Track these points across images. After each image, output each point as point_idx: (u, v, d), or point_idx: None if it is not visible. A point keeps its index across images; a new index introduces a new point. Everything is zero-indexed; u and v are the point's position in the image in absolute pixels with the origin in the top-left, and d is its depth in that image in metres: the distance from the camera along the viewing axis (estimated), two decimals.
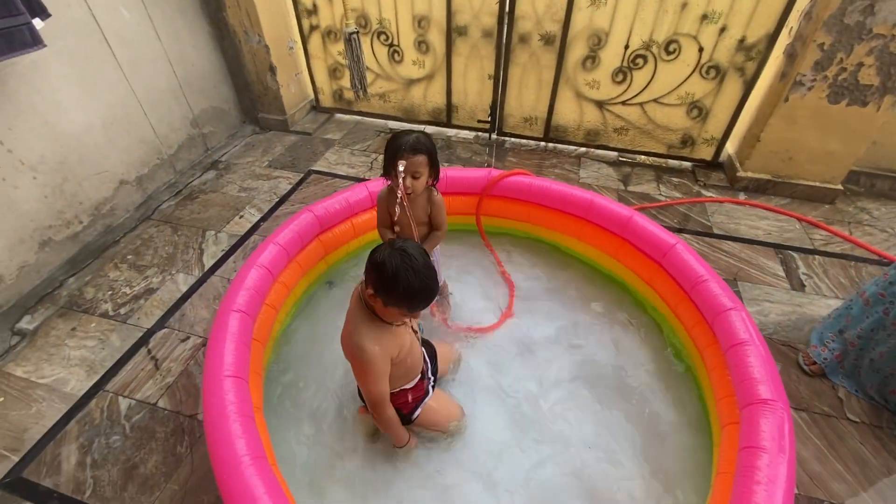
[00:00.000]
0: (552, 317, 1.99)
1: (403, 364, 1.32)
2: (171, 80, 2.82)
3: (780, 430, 1.11)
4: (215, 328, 1.36)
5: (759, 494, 1.00)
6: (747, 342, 1.31)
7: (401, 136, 1.41)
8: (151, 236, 2.51)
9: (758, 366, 1.25)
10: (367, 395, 1.26)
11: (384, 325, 1.20)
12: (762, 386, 1.20)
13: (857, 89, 2.33)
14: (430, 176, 1.48)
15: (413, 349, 1.34)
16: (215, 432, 1.09)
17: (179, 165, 2.98)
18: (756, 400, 1.18)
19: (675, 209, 2.70)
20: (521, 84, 3.03)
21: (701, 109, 2.83)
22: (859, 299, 1.65)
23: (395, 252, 1.09)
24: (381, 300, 1.12)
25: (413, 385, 1.43)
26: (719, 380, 1.40)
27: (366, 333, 1.18)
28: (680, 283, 1.66)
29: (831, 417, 1.67)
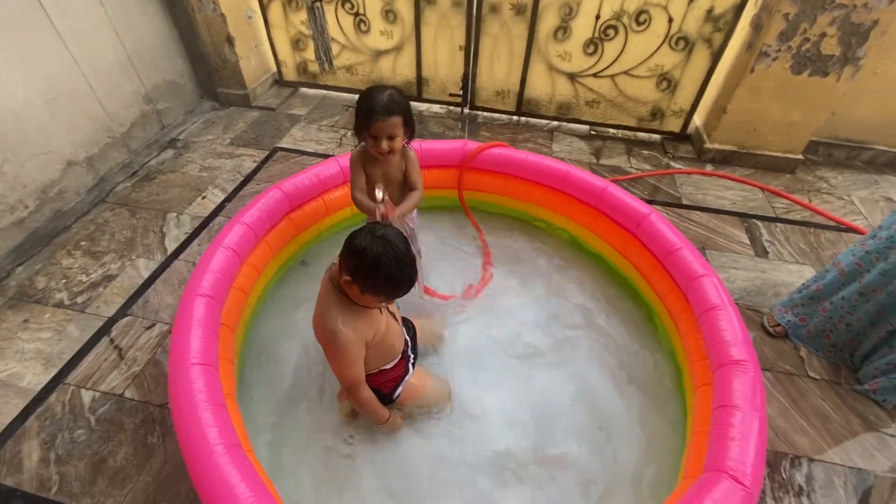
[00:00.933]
0: (530, 288, 1.99)
1: (381, 346, 1.30)
2: (119, 52, 2.62)
3: (752, 388, 1.15)
4: (180, 314, 1.29)
5: (734, 449, 1.04)
6: (719, 307, 1.35)
7: (373, 95, 1.33)
8: (107, 220, 2.36)
9: (729, 329, 1.29)
10: (340, 380, 1.24)
11: (358, 308, 1.17)
12: (734, 348, 1.24)
13: (819, 59, 2.39)
14: (405, 136, 1.43)
15: (390, 330, 1.32)
16: (184, 422, 1.04)
17: (134, 144, 2.80)
18: (728, 361, 1.22)
19: (645, 181, 2.74)
20: (493, 56, 2.96)
21: (670, 81, 2.85)
22: (834, 269, 1.71)
23: (377, 240, 1.05)
24: (358, 287, 1.09)
25: (393, 365, 1.41)
26: (693, 344, 1.44)
27: (338, 317, 1.14)
28: (654, 253, 1.68)
29: (794, 376, 1.76)
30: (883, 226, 1.59)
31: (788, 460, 1.52)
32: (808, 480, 1.48)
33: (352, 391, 1.26)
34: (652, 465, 1.43)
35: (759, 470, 1.03)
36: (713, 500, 0.96)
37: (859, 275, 1.62)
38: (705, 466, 1.06)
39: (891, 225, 1.55)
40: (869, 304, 1.60)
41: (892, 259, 1.50)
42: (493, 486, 1.41)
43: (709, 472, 1.04)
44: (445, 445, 1.49)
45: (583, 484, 1.39)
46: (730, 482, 0.98)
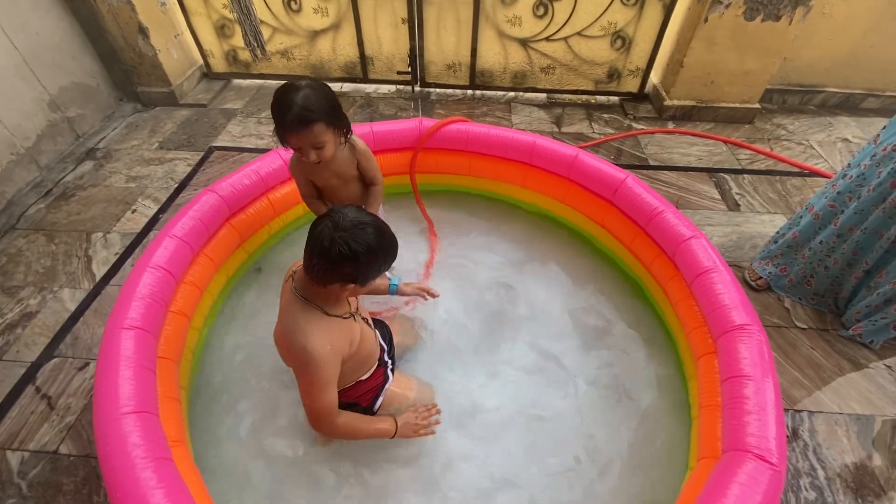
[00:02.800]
0: (501, 269, 1.87)
1: (357, 356, 1.14)
2: (12, 55, 2.25)
3: (760, 354, 1.07)
4: (102, 354, 1.07)
5: (752, 424, 0.95)
6: (713, 269, 1.26)
7: (283, 101, 1.11)
8: (20, 250, 2.05)
9: (727, 292, 1.20)
10: (309, 410, 1.04)
11: (330, 318, 1.02)
12: (735, 312, 1.15)
13: (771, 3, 2.34)
14: (338, 134, 1.23)
15: (365, 338, 1.17)
16: (120, 489, 0.85)
17: (44, 160, 2.45)
18: (731, 327, 1.14)
19: (609, 145, 2.65)
20: (439, 26, 2.76)
21: (624, 39, 2.75)
22: (808, 214, 1.67)
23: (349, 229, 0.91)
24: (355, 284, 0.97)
25: (370, 374, 1.25)
26: (687, 311, 1.36)
27: (311, 331, 0.98)
28: (634, 219, 1.58)
29: (782, 328, 1.72)
30: (852, 164, 1.55)
31: (789, 416, 1.48)
32: (812, 434, 1.45)
33: (321, 422, 1.06)
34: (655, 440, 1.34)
35: (782, 444, 0.95)
36: (741, 483, 0.87)
37: (834, 216, 1.58)
38: (724, 446, 0.98)
39: (860, 163, 1.51)
40: (846, 245, 1.56)
41: (865, 197, 1.46)
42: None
43: (730, 451, 0.95)
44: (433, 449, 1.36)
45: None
46: (755, 462, 0.90)
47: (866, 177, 1.47)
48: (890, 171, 1.35)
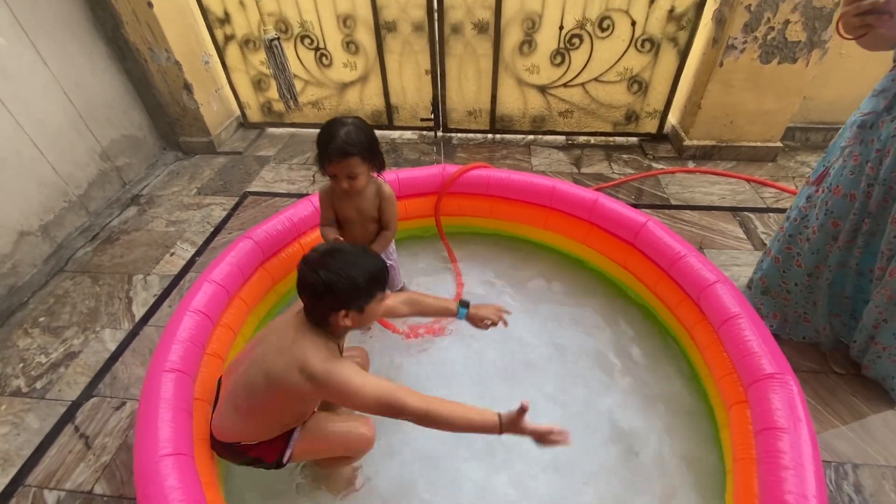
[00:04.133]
0: (527, 310, 1.87)
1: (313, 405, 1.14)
2: (69, 111, 2.48)
3: (793, 405, 1.04)
4: (145, 395, 1.12)
5: (790, 481, 0.92)
6: (740, 315, 1.25)
7: (329, 132, 1.27)
8: (67, 291, 2.18)
9: (755, 339, 1.18)
10: (366, 407, 0.97)
11: (335, 349, 1.05)
12: (764, 360, 1.13)
13: (787, 47, 2.39)
14: (371, 169, 1.36)
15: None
16: None
17: (93, 206, 2.63)
18: (762, 375, 1.11)
19: (630, 185, 2.68)
20: (460, 76, 2.91)
21: (640, 83, 2.82)
22: (766, 257, 1.66)
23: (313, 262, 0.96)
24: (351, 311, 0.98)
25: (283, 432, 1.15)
26: (715, 357, 1.33)
27: (324, 357, 0.98)
28: (657, 262, 1.58)
29: (819, 373, 1.66)
30: (792, 206, 1.57)
31: (831, 469, 1.40)
32: (857, 489, 1.36)
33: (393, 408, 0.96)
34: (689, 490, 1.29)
35: (823, 501, 0.91)
36: None
37: (793, 258, 1.56)
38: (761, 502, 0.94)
39: (797, 205, 1.52)
40: (820, 282, 1.53)
41: (814, 238, 1.45)
42: None
43: None
44: None
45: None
46: None
47: (808, 217, 1.48)
48: (826, 212, 1.37)
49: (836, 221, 1.37)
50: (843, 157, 1.32)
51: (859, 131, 1.27)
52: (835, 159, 1.35)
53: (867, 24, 1.07)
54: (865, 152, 1.26)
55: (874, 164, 1.24)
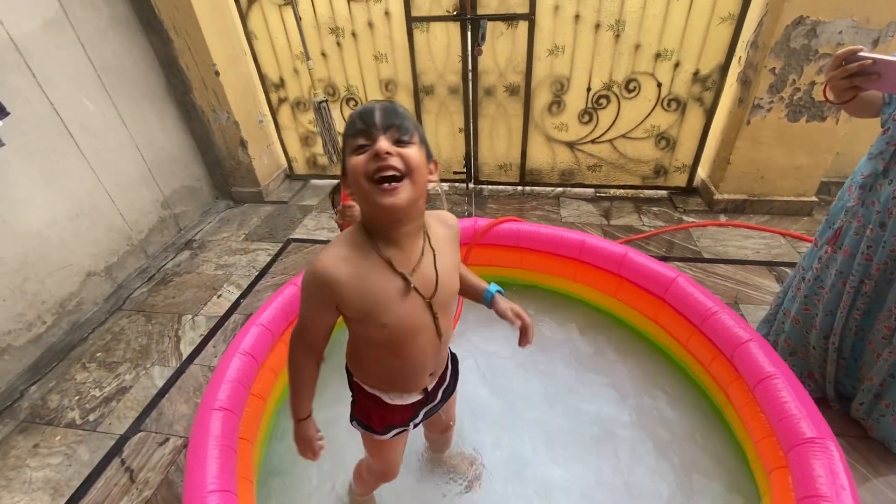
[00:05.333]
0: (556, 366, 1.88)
1: (396, 352, 0.90)
2: (140, 165, 2.77)
3: (835, 472, 1.01)
4: (196, 432, 1.20)
5: None
6: (775, 375, 1.23)
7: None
8: (123, 328, 2.34)
9: (792, 400, 1.16)
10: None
11: (370, 251, 0.83)
12: (804, 423, 1.11)
13: (814, 106, 2.43)
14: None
15: (423, 337, 0.91)
16: None
17: (151, 249, 2.86)
18: (801, 440, 1.09)
19: (660, 238, 2.70)
20: (492, 134, 3.08)
21: (668, 140, 2.91)
22: (787, 318, 1.63)
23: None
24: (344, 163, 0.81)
25: (393, 404, 1.01)
26: (752, 419, 1.30)
27: (333, 245, 0.85)
28: (688, 318, 1.59)
29: (866, 439, 1.57)
30: (805, 265, 1.55)
31: None
32: None
33: (293, 334, 0.93)
34: None
35: None
36: None
37: (812, 319, 1.54)
38: None
39: (811, 265, 1.51)
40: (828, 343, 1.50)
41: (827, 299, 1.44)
42: None
43: None
44: None
45: None
46: None
47: (822, 279, 1.47)
48: (836, 273, 1.38)
49: (845, 281, 1.39)
50: (849, 217, 1.34)
51: (861, 192, 1.30)
52: (843, 220, 1.37)
53: (855, 87, 1.07)
54: (867, 214, 1.28)
55: (874, 226, 1.27)
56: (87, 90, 2.42)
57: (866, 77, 1.04)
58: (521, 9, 2.57)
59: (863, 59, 1.03)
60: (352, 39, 2.84)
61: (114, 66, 2.56)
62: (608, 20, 2.53)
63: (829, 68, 1.10)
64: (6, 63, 2.03)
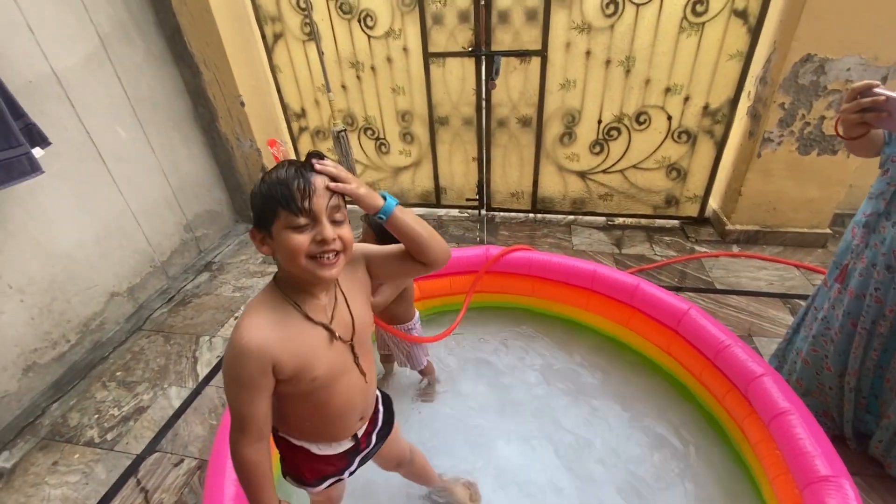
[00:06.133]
0: (568, 392, 1.88)
1: (324, 401, 0.90)
2: (165, 190, 2.88)
3: None
4: (215, 454, 1.23)
5: None
6: (789, 411, 1.23)
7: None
8: (142, 348, 2.40)
9: (807, 437, 1.16)
10: (229, 408, 0.85)
11: (290, 309, 0.84)
12: (818, 460, 1.10)
13: (825, 140, 2.46)
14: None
15: (346, 380, 0.93)
16: None
17: (172, 271, 2.95)
18: (816, 478, 1.08)
19: (672, 268, 2.70)
20: (505, 163, 3.15)
21: (679, 171, 2.95)
22: (798, 358, 1.62)
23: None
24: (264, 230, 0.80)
25: (324, 454, 1.00)
26: (768, 455, 1.29)
27: (253, 312, 0.82)
28: (701, 350, 1.59)
29: (884, 477, 1.53)
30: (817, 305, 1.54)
31: None
32: None
33: (232, 433, 0.84)
34: None
35: None
36: None
37: (822, 360, 1.52)
38: None
39: (822, 305, 1.50)
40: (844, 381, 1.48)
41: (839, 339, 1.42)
42: None
43: None
44: None
45: None
46: None
47: (829, 318, 1.46)
48: (844, 314, 1.36)
49: (855, 322, 1.38)
50: (853, 257, 1.34)
51: (864, 231, 1.30)
52: (848, 259, 1.37)
53: (865, 123, 1.07)
54: (872, 255, 1.28)
55: (881, 269, 1.26)
56: (121, 119, 2.55)
57: (877, 114, 1.05)
58: (533, 45, 2.67)
59: (877, 95, 1.04)
60: (371, 73, 2.97)
61: (147, 97, 2.70)
62: (618, 56, 2.62)
63: (845, 100, 1.11)
64: (49, 95, 2.17)
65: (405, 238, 0.89)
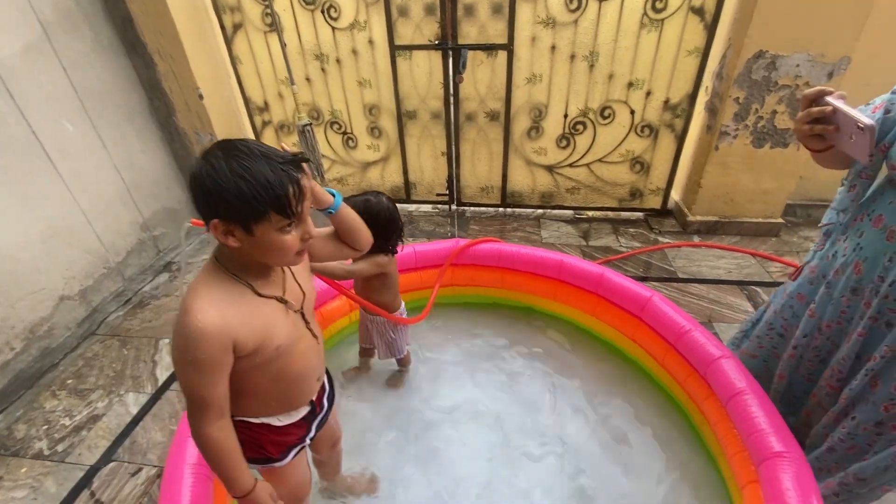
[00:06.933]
0: (532, 380, 1.90)
1: (285, 367, 0.92)
2: (119, 186, 2.74)
3: (802, 484, 1.04)
4: (171, 460, 1.18)
5: None
6: (745, 391, 1.28)
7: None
8: (96, 354, 2.28)
9: (762, 415, 1.20)
10: (185, 396, 0.83)
11: (241, 287, 0.84)
12: (772, 437, 1.15)
13: (777, 133, 2.58)
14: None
15: (304, 349, 0.97)
16: None
17: (128, 272, 2.80)
18: (770, 454, 1.12)
19: (637, 258, 2.77)
20: (474, 157, 3.15)
21: (642, 164, 3.02)
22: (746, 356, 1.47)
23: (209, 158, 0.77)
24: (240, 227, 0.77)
25: (289, 424, 1.02)
26: (727, 434, 1.34)
27: (203, 294, 0.79)
28: (663, 336, 1.64)
29: None
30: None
31: None
32: None
33: (190, 419, 0.83)
34: None
35: None
36: None
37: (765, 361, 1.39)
38: None
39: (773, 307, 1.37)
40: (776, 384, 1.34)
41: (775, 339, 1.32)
42: None
43: None
44: None
45: None
46: None
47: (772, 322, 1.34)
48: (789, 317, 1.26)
49: (787, 326, 1.27)
50: (810, 261, 1.22)
51: (824, 239, 1.19)
52: (805, 262, 1.25)
53: (816, 135, 0.97)
54: (823, 266, 1.16)
55: (823, 284, 1.14)
56: (68, 113, 2.41)
57: (825, 127, 0.94)
58: (499, 39, 2.68)
59: (824, 105, 0.93)
60: (336, 65, 2.90)
61: (96, 90, 2.56)
62: (582, 51, 2.65)
63: (800, 108, 1.01)
64: None
65: (345, 227, 1.02)
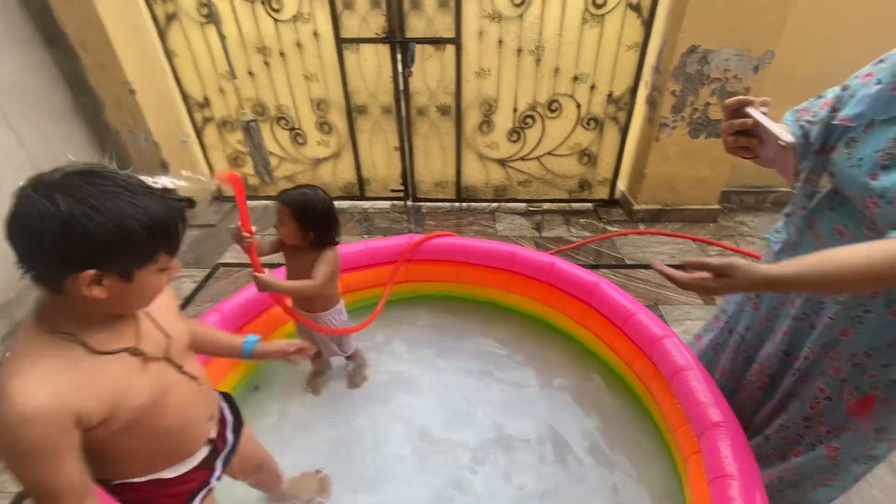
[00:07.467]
0: (489, 373, 1.92)
1: (157, 424, 0.81)
2: None
3: (739, 451, 1.11)
4: None
5: None
6: (687, 367, 1.34)
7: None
8: None
9: (702, 389, 1.27)
10: (32, 494, 0.69)
11: (75, 347, 0.70)
12: (711, 409, 1.21)
13: (710, 124, 2.73)
14: (304, 230, 1.51)
15: (177, 393, 0.84)
16: None
17: None
18: (710, 424, 1.19)
19: (588, 248, 2.86)
20: (427, 152, 3.14)
21: (590, 156, 3.12)
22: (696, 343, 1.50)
23: (47, 184, 0.64)
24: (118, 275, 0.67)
25: (181, 474, 0.91)
26: (671, 410, 1.40)
27: (24, 367, 0.65)
28: (611, 320, 1.70)
29: None
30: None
31: None
32: None
33: None
34: None
35: None
36: None
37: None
38: None
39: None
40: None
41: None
42: None
43: None
44: None
45: None
46: None
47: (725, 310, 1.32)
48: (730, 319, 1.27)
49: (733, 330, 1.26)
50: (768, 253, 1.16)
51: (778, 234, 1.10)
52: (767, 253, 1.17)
53: (742, 147, 0.95)
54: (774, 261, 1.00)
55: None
56: None
57: (749, 139, 0.92)
58: (447, 33, 2.68)
59: (746, 117, 0.90)
60: (280, 59, 2.80)
61: (11, 85, 2.34)
62: (528, 45, 2.70)
63: (723, 118, 0.98)
64: None
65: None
